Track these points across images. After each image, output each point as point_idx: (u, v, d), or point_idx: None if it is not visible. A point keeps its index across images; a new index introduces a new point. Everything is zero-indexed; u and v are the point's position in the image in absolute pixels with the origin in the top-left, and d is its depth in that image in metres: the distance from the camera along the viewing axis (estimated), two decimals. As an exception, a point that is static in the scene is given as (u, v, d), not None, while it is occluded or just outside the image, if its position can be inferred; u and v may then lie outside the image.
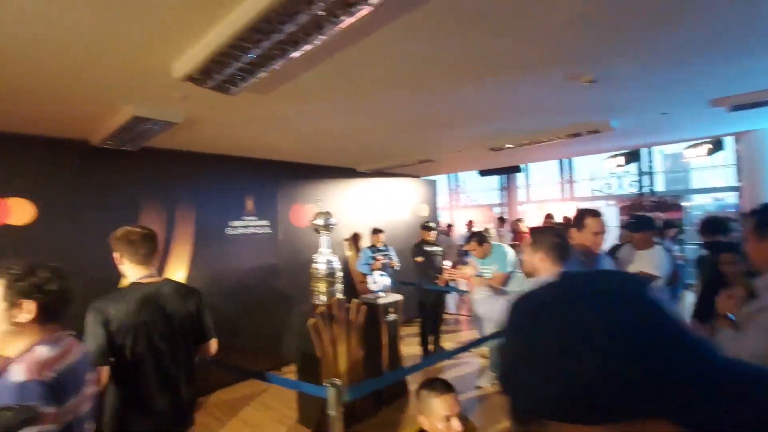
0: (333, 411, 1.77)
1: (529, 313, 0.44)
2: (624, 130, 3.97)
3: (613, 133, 4.08)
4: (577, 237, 2.33)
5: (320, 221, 3.51)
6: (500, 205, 12.14)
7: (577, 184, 11.11)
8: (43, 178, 3.23)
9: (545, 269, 1.89)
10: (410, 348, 4.84)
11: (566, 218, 9.23)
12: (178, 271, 3.96)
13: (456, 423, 1.52)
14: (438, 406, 1.53)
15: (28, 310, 1.12)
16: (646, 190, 8.86)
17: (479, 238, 3.96)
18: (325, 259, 3.48)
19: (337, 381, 1.80)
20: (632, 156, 6.86)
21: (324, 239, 3.56)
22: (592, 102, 3.08)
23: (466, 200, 13.35)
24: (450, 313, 6.53)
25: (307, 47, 1.66)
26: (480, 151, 4.94)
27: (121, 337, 1.65)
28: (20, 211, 3.08)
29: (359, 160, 5.36)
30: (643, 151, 8.23)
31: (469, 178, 13.30)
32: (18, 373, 1.06)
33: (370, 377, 3.46)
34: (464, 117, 3.38)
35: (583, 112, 3.38)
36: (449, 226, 7.12)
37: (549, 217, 7.01)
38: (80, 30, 1.66)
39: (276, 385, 4.17)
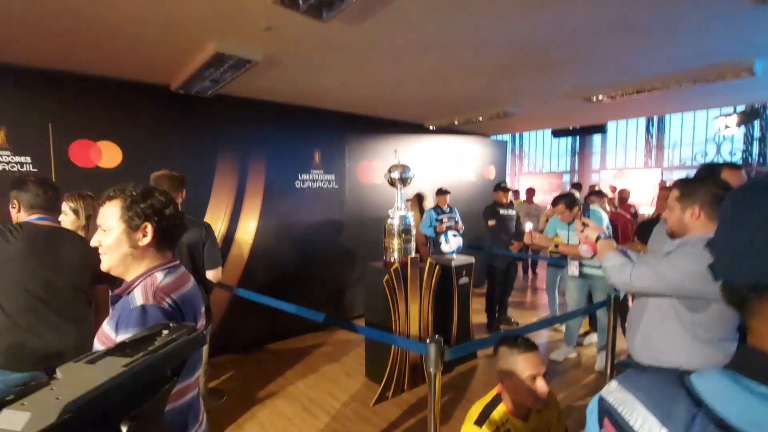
0: (433, 368, 1.63)
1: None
2: (762, 77, 3.27)
3: (739, 82, 3.40)
4: None
5: (396, 174, 3.31)
6: (570, 172, 11.24)
7: (667, 150, 9.85)
8: (129, 123, 3.30)
9: (699, 228, 1.55)
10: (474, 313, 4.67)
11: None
12: (249, 221, 4.01)
13: (542, 383, 1.36)
14: (521, 364, 1.38)
15: (145, 232, 1.07)
16: (755, 159, 7.65)
17: (568, 200, 3.56)
18: (400, 214, 3.30)
19: (439, 338, 1.65)
20: (749, 116, 5.80)
21: (399, 194, 3.37)
22: (746, 33, 2.48)
23: (530, 166, 12.50)
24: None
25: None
26: (570, 103, 4.40)
27: None
28: (109, 155, 3.19)
29: (431, 114, 5.02)
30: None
31: (535, 141, 12.37)
32: (138, 297, 1.02)
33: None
34: (570, 52, 2.89)
35: (725, 48, 2.76)
36: (529, 191, 6.54)
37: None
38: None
39: (341, 338, 4.25)
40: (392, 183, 3.36)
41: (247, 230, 4.00)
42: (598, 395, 0.67)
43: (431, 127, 5.62)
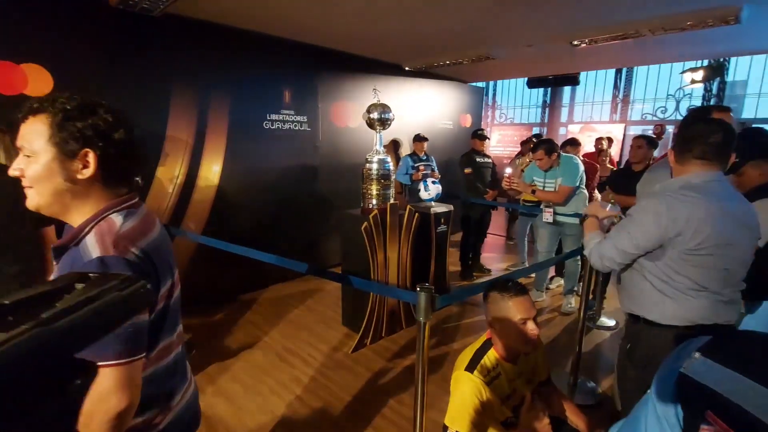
0: (422, 317, 1.54)
1: None
2: (743, 27, 3.23)
3: (719, 31, 3.36)
4: None
5: (375, 114, 3.07)
6: (540, 124, 11.29)
7: (632, 104, 10.06)
8: (60, 43, 2.77)
9: (676, 171, 1.48)
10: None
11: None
12: (213, 164, 3.66)
13: (533, 326, 1.35)
14: (513, 308, 1.35)
15: (85, 162, 0.80)
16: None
17: (548, 146, 3.49)
18: (378, 158, 3.11)
19: (430, 286, 1.55)
20: (715, 70, 5.88)
21: (378, 136, 3.15)
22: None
23: (501, 117, 12.44)
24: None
25: None
26: (553, 47, 4.22)
27: None
28: (37, 81, 2.69)
29: (410, 54, 4.68)
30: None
31: (507, 92, 12.24)
32: (92, 247, 0.77)
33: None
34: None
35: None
36: (531, 141, 5.94)
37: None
38: None
39: (315, 287, 4.15)
40: (371, 125, 3.13)
41: (211, 173, 3.66)
42: (676, 372, 0.51)
43: (408, 68, 5.28)
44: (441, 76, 5.82)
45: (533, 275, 4.18)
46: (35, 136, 0.78)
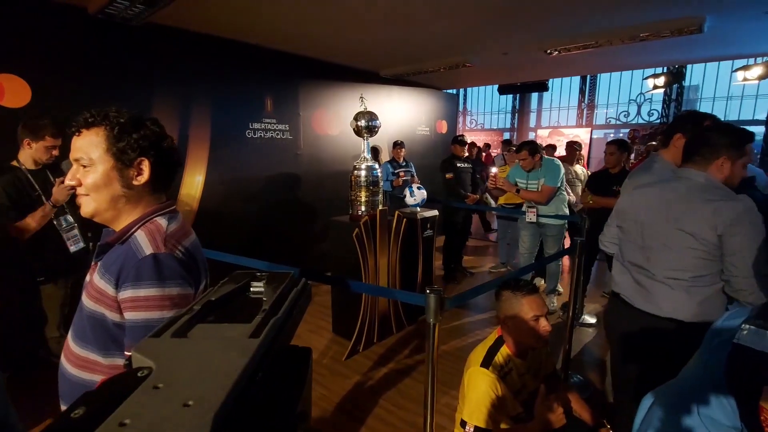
0: (432, 319, 1.57)
1: None
2: (705, 35, 3.48)
3: (682, 40, 3.61)
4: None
5: (363, 122, 3.10)
6: (510, 130, 11.66)
7: (597, 109, 10.57)
8: (38, 54, 2.65)
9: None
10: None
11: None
12: (196, 174, 3.57)
13: (545, 323, 1.42)
14: (526, 306, 1.42)
15: (140, 170, 0.87)
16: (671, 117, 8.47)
17: (531, 147, 3.62)
18: (367, 165, 3.13)
19: (439, 288, 1.58)
20: (676, 76, 6.30)
21: (366, 143, 3.18)
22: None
23: (472, 123, 12.77)
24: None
25: None
26: (526, 55, 4.40)
27: None
28: (15, 91, 2.56)
29: (389, 61, 4.75)
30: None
31: (477, 98, 12.58)
32: (144, 245, 0.82)
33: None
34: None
35: (677, 2, 2.85)
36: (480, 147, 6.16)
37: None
38: None
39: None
40: (358, 132, 3.15)
41: (194, 184, 3.57)
42: (728, 345, 0.56)
43: (384, 76, 5.35)
44: (417, 84, 5.93)
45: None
46: (93, 148, 0.83)
